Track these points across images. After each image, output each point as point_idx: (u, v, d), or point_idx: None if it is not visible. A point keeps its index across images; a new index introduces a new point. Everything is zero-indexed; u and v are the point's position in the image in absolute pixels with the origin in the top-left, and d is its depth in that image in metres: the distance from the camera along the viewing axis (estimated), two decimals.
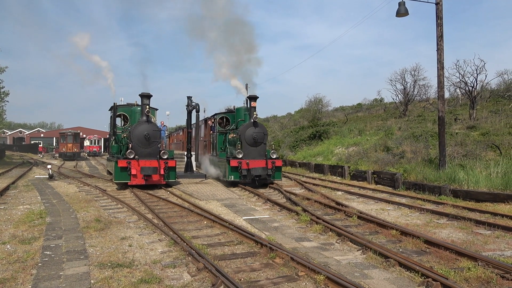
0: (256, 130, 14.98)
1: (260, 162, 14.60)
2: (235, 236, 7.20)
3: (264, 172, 14.44)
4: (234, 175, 14.46)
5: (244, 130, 14.94)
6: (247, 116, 15.75)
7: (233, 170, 14.37)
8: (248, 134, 14.85)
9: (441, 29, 13.31)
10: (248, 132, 14.88)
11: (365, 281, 4.91)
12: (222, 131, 18.19)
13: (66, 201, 11.59)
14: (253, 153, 14.86)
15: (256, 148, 15.01)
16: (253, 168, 14.31)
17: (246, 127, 15.02)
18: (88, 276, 5.06)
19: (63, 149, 39.87)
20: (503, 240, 6.94)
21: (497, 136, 17.83)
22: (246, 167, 14.31)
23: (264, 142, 15.20)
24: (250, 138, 14.86)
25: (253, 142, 14.90)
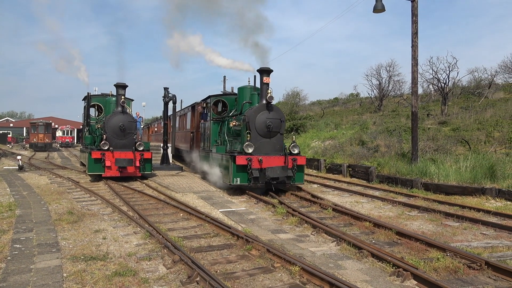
0: (271, 115, 11.18)
1: (277, 160, 10.89)
2: (212, 229, 7.19)
3: (283, 174, 10.66)
4: (240, 178, 10.68)
5: (254, 116, 11.10)
6: (256, 97, 12.03)
7: (239, 170, 10.60)
8: (259, 121, 11.09)
9: (416, 26, 13.59)
10: (259, 118, 11.11)
11: (339, 271, 5.01)
12: (218, 118, 14.24)
13: (37, 193, 11.26)
14: (266, 147, 11.20)
15: (271, 140, 11.30)
16: (268, 168, 10.53)
17: (256, 112, 11.16)
18: (61, 269, 4.95)
19: (34, 140, 38.67)
20: (470, 232, 7.23)
21: (466, 132, 18.47)
22: (258, 166, 10.58)
23: (281, 131, 11.45)
24: (262, 126, 11.11)
25: (266, 132, 11.15)
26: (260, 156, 10.70)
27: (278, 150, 11.39)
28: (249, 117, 11.17)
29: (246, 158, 10.52)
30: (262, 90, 11.40)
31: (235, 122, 12.28)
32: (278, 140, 11.46)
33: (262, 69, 11.47)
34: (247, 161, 10.49)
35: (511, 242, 6.50)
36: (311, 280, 4.62)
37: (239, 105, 12.90)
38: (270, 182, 10.71)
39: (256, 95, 12.05)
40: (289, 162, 10.93)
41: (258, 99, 11.82)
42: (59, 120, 67.40)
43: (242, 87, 13.08)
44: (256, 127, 11.11)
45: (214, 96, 14.72)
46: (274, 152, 11.26)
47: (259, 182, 10.72)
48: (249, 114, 11.29)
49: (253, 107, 11.56)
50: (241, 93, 13.03)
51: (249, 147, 10.74)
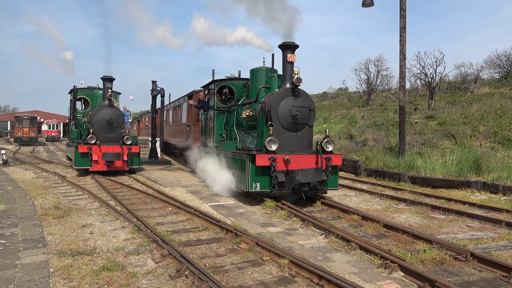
0: (298, 102, 8.86)
1: (307, 159, 8.66)
2: (201, 223, 7.17)
3: (317, 178, 8.45)
4: (261, 182, 8.43)
5: (277, 104, 8.76)
6: (276, 81, 9.73)
7: (259, 173, 8.38)
8: (283, 110, 8.76)
9: (404, 21, 13.67)
10: (283, 106, 8.76)
11: (327, 264, 5.05)
12: (224, 108, 11.94)
13: (23, 187, 11.07)
14: (292, 143, 8.93)
15: (297, 134, 8.98)
16: (298, 170, 8.30)
17: (279, 98, 8.80)
18: (47, 264, 4.88)
19: (18, 134, 37.99)
20: (456, 224, 7.35)
21: (453, 126, 18.74)
22: (284, 167, 8.38)
23: (310, 123, 9.15)
24: (287, 117, 8.77)
25: (291, 124, 8.84)
26: (287, 155, 8.41)
27: (306, 146, 9.13)
28: (271, 105, 8.75)
29: (268, 157, 8.18)
30: (286, 71, 9.01)
31: (249, 111, 9.93)
32: (306, 134, 9.14)
33: (286, 44, 8.93)
34: (270, 161, 8.17)
35: (496, 234, 6.63)
36: (300, 272, 4.64)
37: (253, 90, 10.45)
38: (299, 189, 8.43)
39: (276, 77, 9.75)
40: (322, 162, 8.70)
41: (279, 83, 9.54)
42: (45, 113, 66.29)
43: (256, 68, 10.73)
44: (279, 117, 8.77)
45: (219, 81, 12.35)
46: (301, 150, 9.00)
47: (285, 188, 8.41)
48: (270, 101, 8.87)
49: (274, 93, 9.13)
50: (255, 76, 10.66)
51: (273, 144, 8.40)
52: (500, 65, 33.10)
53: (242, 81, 12.26)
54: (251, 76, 10.84)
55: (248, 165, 8.42)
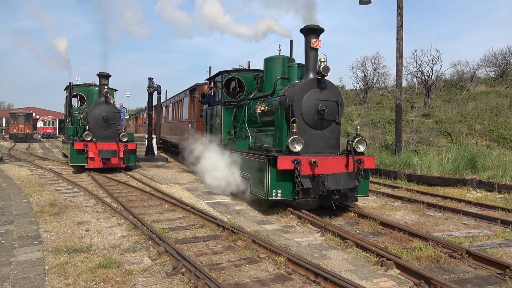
0: (324, 95, 7.77)
1: (337, 162, 7.53)
2: (197, 220, 7.16)
3: (349, 184, 7.38)
4: (282, 189, 7.29)
5: (300, 97, 7.62)
6: (296, 71, 8.67)
7: (280, 177, 7.26)
8: (307, 104, 7.64)
9: (401, 19, 13.68)
10: (307, 99, 7.64)
11: (324, 261, 5.06)
12: (232, 102, 10.80)
13: (18, 184, 11.01)
14: (317, 143, 7.81)
15: (322, 132, 7.88)
16: (328, 175, 7.19)
17: (302, 90, 7.67)
18: (42, 262, 4.86)
19: (14, 130, 37.74)
20: (451, 222, 7.38)
21: (449, 124, 18.81)
22: (310, 171, 7.22)
23: (337, 120, 8.02)
24: (311, 112, 7.67)
25: (317, 121, 7.74)
26: (313, 157, 7.24)
27: (333, 147, 7.98)
28: (293, 99, 7.63)
29: (292, 160, 7.03)
30: (309, 59, 7.85)
31: (263, 106, 8.74)
32: (333, 133, 8.00)
33: (310, 27, 7.72)
34: (293, 164, 7.04)
35: (491, 231, 6.67)
36: (297, 270, 4.65)
37: (268, 82, 9.36)
38: (327, 196, 7.33)
39: (296, 67, 8.73)
40: (353, 165, 7.50)
41: (299, 73, 8.57)
42: (40, 110, 65.89)
43: (271, 57, 9.58)
44: (303, 113, 7.62)
45: (226, 72, 11.10)
46: (327, 150, 7.87)
47: (310, 196, 7.29)
48: (291, 93, 7.78)
49: (295, 84, 8.04)
50: (270, 66, 9.48)
51: (297, 143, 7.23)
52: (496, 63, 33.27)
53: (252, 72, 11.13)
54: (266, 66, 9.65)
55: (267, 169, 7.23)
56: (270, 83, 9.20)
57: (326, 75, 7.72)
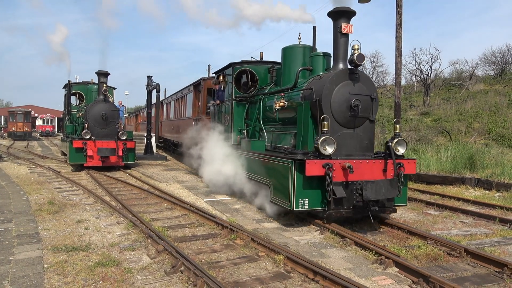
0: (356, 88, 6.76)
1: (373, 166, 6.53)
2: (196, 218, 7.17)
3: (391, 193, 6.22)
4: (310, 198, 6.27)
5: (329, 90, 6.64)
6: (321, 61, 7.69)
7: (307, 185, 6.24)
8: (338, 99, 6.65)
9: (400, 17, 13.67)
10: (338, 94, 6.66)
11: (322, 259, 5.07)
12: (244, 97, 9.80)
13: (17, 183, 11.00)
14: (348, 144, 6.80)
15: (355, 131, 6.88)
16: (366, 182, 6.06)
17: (332, 82, 6.66)
18: (41, 260, 4.86)
19: (12, 129, 37.68)
20: (450, 220, 7.40)
21: (447, 123, 18.84)
22: (343, 178, 6.23)
23: (372, 117, 7.00)
24: (342, 108, 6.68)
25: (349, 118, 6.74)
26: (347, 161, 6.21)
27: (366, 148, 6.95)
28: (321, 92, 6.60)
29: (323, 164, 6.03)
30: (339, 46, 6.83)
31: (283, 101, 7.70)
32: (367, 132, 6.99)
33: (339, 10, 6.70)
34: (324, 169, 6.02)
35: (489, 230, 6.69)
36: (296, 268, 4.65)
37: (287, 74, 8.38)
38: (363, 207, 6.27)
39: (321, 56, 7.71)
40: (396, 171, 6.43)
41: (324, 64, 7.64)
42: (39, 108, 65.77)
43: (290, 46, 8.51)
44: (333, 109, 6.61)
45: (238, 64, 10.06)
46: (360, 153, 6.82)
47: (343, 207, 6.25)
48: (319, 86, 6.73)
49: (323, 76, 7.00)
50: (290, 56, 8.44)
51: (329, 145, 6.17)
52: (495, 62, 33.30)
53: (266, 64, 10.08)
54: (284, 57, 8.59)
55: (292, 174, 6.22)
56: (290, 75, 8.25)
57: (361, 65, 6.83)
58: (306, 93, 7.18)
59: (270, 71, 9.63)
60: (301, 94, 7.37)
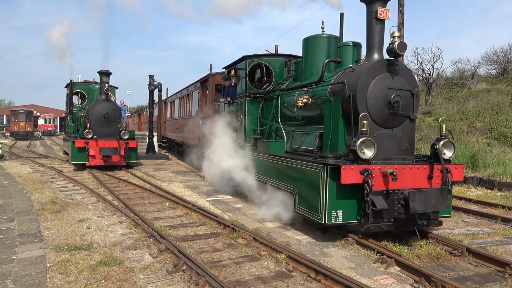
0: (396, 82, 5.96)
1: (418, 173, 5.72)
2: (198, 217, 7.18)
3: (441, 204, 5.35)
4: (345, 210, 5.51)
5: (366, 84, 5.82)
6: (351, 51, 6.93)
7: (341, 194, 5.48)
8: (375, 94, 5.86)
9: (402, 16, 13.65)
10: (375, 88, 5.86)
11: (324, 259, 5.07)
12: (258, 94, 9.05)
13: (19, 182, 11.03)
14: (386, 145, 5.97)
15: (393, 132, 6.05)
16: (414, 192, 5.21)
17: (367, 75, 5.85)
18: (44, 259, 4.88)
19: (14, 128, 37.75)
20: (452, 219, 7.38)
21: (449, 122, 18.80)
22: (384, 186, 5.43)
23: (413, 115, 6.14)
24: (379, 105, 5.88)
25: (387, 116, 5.93)
26: (389, 166, 5.42)
27: (406, 151, 6.10)
28: (355, 86, 5.77)
29: (360, 170, 5.24)
30: (374, 34, 6.06)
31: (307, 97, 6.90)
32: (406, 133, 6.13)
33: None
34: (363, 176, 5.23)
35: (491, 229, 6.68)
36: (297, 267, 4.66)
37: (310, 68, 7.64)
38: (408, 220, 5.52)
39: (351, 46, 6.93)
40: (439, 176, 5.72)
41: (355, 55, 6.91)
42: (41, 108, 65.91)
43: (314, 36, 7.70)
44: (369, 105, 5.80)
45: (251, 57, 9.23)
46: (399, 156, 6.02)
47: (383, 220, 5.43)
48: (353, 80, 5.91)
49: (356, 68, 6.17)
50: (313, 48, 7.66)
51: (367, 147, 5.40)
52: (497, 61, 33.20)
53: (282, 58, 9.27)
54: (306, 48, 7.77)
55: (324, 182, 5.42)
56: (312, 69, 7.55)
57: (402, 55, 5.89)
58: (335, 88, 6.32)
59: (287, 65, 8.89)
60: (329, 89, 6.51)
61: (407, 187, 5.52)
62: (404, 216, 5.49)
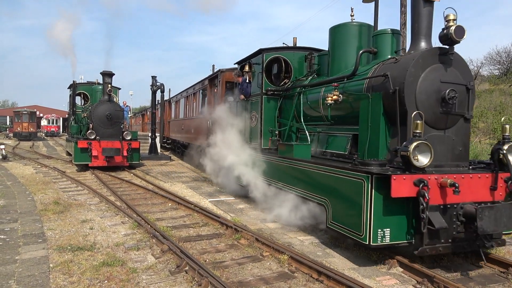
0: (449, 74, 5.09)
1: (479, 183, 4.78)
2: (201, 218, 7.19)
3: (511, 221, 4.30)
4: (392, 227, 4.61)
5: (415, 77, 4.96)
6: (390, 40, 6.07)
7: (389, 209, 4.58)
8: (425, 89, 4.98)
9: (404, 16, 13.63)
10: (425, 82, 4.98)
11: (327, 259, 5.07)
12: (276, 91, 8.22)
13: (22, 183, 11.07)
14: (438, 149, 4.97)
15: (446, 133, 5.17)
16: (484, 208, 4.22)
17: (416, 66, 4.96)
18: (47, 260, 4.89)
19: (18, 129, 37.91)
20: None
21: None
22: (441, 199, 4.54)
23: (468, 114, 5.29)
24: (431, 102, 5.00)
25: (440, 116, 5.06)
26: (448, 175, 4.59)
27: (460, 157, 5.28)
28: (403, 79, 4.94)
29: (415, 180, 4.41)
30: (421, 18, 5.24)
31: (337, 93, 6.03)
32: (460, 134, 5.29)
33: None
34: (417, 188, 4.39)
35: None
36: (300, 268, 4.66)
37: (338, 60, 6.84)
38: (471, 241, 4.69)
39: (390, 35, 6.02)
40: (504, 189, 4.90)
41: (394, 45, 6.02)
42: (44, 108, 66.11)
43: (343, 24, 6.84)
44: (418, 102, 4.95)
45: (269, 50, 8.37)
46: (453, 162, 5.20)
47: (440, 241, 4.57)
48: (398, 72, 5.08)
49: (400, 58, 5.31)
50: (341, 37, 6.82)
51: (422, 153, 4.56)
52: (500, 61, 33.05)
53: (302, 51, 8.46)
54: (333, 38, 6.94)
55: (367, 194, 4.57)
56: (341, 62, 6.78)
57: (459, 42, 4.87)
58: (374, 82, 5.50)
59: (308, 59, 8.12)
60: (365, 84, 5.65)
61: (467, 200, 4.64)
62: (464, 235, 4.62)
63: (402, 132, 4.99)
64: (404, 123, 4.95)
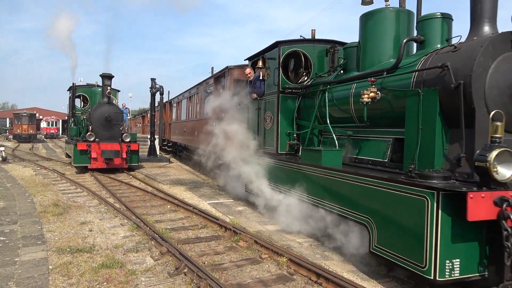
0: None
1: None
2: (199, 220, 7.19)
3: None
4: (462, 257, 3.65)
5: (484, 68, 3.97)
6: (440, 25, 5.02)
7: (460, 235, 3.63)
8: (496, 82, 3.98)
9: None
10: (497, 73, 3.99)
11: (325, 262, 5.07)
12: (295, 89, 7.37)
13: (22, 185, 11.07)
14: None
15: None
16: None
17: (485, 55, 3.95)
18: (46, 261, 4.90)
19: (17, 131, 37.93)
20: None
21: None
22: None
23: None
24: (504, 97, 4.01)
25: None
26: None
27: None
28: (469, 71, 4.01)
29: (496, 199, 3.50)
30: None
31: (374, 90, 5.10)
32: None
33: None
34: (498, 208, 3.50)
35: None
36: (298, 270, 4.66)
37: (370, 52, 5.90)
38: None
39: (440, 19, 5.05)
40: None
41: (445, 32, 5.06)
42: (44, 110, 66.13)
43: (378, 10, 5.83)
44: (488, 99, 4.03)
45: (286, 43, 7.51)
46: None
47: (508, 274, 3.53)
48: (461, 62, 4.15)
49: (462, 46, 4.34)
50: (376, 25, 5.80)
51: (502, 164, 3.55)
52: None
53: (323, 45, 7.52)
54: (365, 27, 5.97)
55: (431, 216, 3.65)
56: (374, 54, 5.84)
57: None
58: (427, 76, 4.52)
59: (330, 53, 7.10)
60: (413, 78, 4.71)
61: None
62: None
63: (469, 135, 4.01)
64: (469, 125, 4.02)
